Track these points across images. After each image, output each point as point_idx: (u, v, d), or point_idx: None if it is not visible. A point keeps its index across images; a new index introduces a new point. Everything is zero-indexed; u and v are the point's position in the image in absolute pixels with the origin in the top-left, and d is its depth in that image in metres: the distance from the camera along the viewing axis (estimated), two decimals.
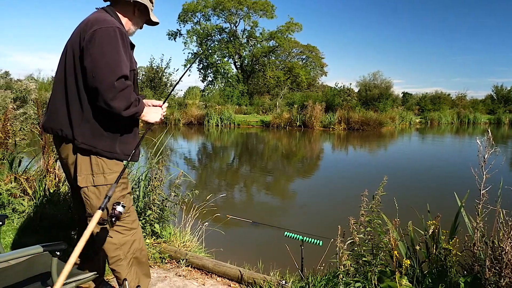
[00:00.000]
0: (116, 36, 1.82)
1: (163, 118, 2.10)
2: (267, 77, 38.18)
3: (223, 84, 37.22)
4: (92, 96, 1.82)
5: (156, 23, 2.20)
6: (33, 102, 6.13)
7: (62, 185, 4.16)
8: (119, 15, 2.04)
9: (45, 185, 4.02)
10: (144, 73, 30.70)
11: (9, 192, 4.05)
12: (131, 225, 2.05)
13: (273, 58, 40.38)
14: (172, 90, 2.72)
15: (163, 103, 2.14)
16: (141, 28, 2.20)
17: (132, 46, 2.06)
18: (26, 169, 4.67)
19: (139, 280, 2.12)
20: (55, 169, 4.18)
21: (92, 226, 1.73)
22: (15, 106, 6.11)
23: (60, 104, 1.93)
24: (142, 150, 2.57)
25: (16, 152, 4.58)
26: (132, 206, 2.12)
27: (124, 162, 2.01)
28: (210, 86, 38.71)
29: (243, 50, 38.48)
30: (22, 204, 3.99)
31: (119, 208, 1.79)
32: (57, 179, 4.19)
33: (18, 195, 4.13)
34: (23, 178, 4.28)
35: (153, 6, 2.15)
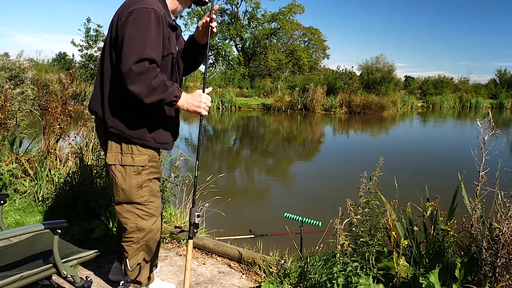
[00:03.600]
0: (149, 18, 1.74)
1: (207, 107, 1.92)
2: (269, 59, 37.82)
3: (224, 67, 36.90)
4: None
5: (205, 3, 2.08)
6: (30, 81, 6.07)
7: (63, 166, 4.17)
8: None
9: (47, 166, 4.04)
10: None
11: (10, 173, 4.07)
12: (153, 212, 2.06)
13: (275, 40, 39.91)
14: (205, 73, 2.05)
15: (203, 90, 1.94)
16: (189, 7, 2.09)
17: (174, 28, 1.96)
18: (27, 150, 4.69)
19: (144, 265, 2.14)
20: (56, 150, 4.19)
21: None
22: (11, 86, 6.06)
23: (97, 87, 1.94)
24: None
25: (17, 133, 4.58)
26: (158, 192, 2.11)
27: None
28: (211, 68, 38.38)
29: (244, 32, 37.99)
30: (23, 184, 4.01)
31: (197, 220, 1.85)
32: (58, 160, 4.20)
33: (19, 175, 4.15)
34: (24, 159, 4.30)
35: None
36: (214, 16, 1.97)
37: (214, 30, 2.01)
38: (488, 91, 38.08)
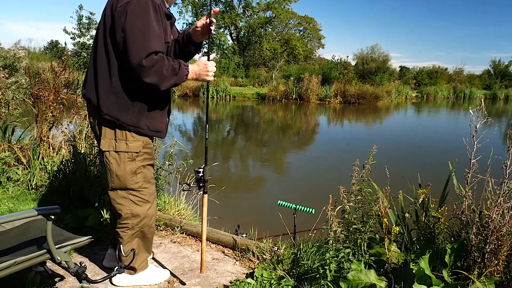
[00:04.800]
0: (148, 9, 1.77)
1: (212, 73, 2.01)
2: (264, 49, 37.55)
3: (218, 56, 36.62)
4: (124, 69, 1.84)
5: None
6: (24, 70, 5.99)
7: (56, 154, 4.15)
8: None
9: (39, 154, 4.02)
10: None
11: (3, 161, 4.05)
12: (148, 198, 2.09)
13: (270, 29, 39.58)
14: (209, 38, 2.16)
15: (208, 58, 2.00)
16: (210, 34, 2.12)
17: (169, 17, 2.00)
18: (20, 139, 4.65)
19: (139, 251, 2.16)
20: (48, 138, 4.17)
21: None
22: (6, 75, 5.98)
23: (90, 74, 1.96)
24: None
25: (9, 121, 4.54)
26: (153, 179, 2.15)
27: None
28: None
29: (239, 21, 37.62)
30: (16, 172, 3.99)
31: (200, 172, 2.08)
32: (51, 148, 4.18)
33: (12, 164, 4.13)
34: (17, 147, 4.27)
35: None
36: (214, 19, 2.05)
37: (213, 32, 2.12)
38: (482, 82, 38.24)
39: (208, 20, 2.05)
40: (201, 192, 2.20)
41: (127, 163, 1.97)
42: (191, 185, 2.23)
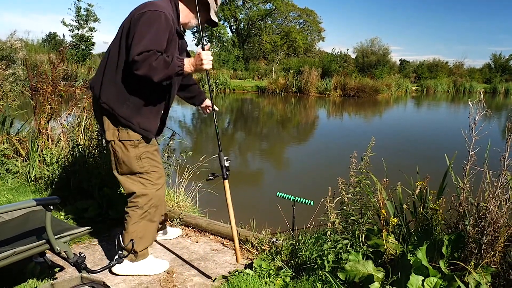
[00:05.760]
0: (157, 19, 1.94)
1: (209, 61, 2.04)
2: (263, 41, 37.38)
3: (218, 49, 36.46)
4: (127, 67, 1.98)
5: (216, 24, 2.28)
6: (21, 61, 5.97)
7: (55, 146, 4.15)
8: (182, 6, 2.17)
9: (38, 146, 4.01)
10: None
11: (2, 153, 4.05)
12: (156, 180, 2.21)
13: (270, 22, 39.36)
14: (202, 31, 2.24)
15: (202, 48, 2.06)
16: (202, 25, 2.25)
17: (181, 36, 2.16)
18: (19, 131, 4.65)
19: (144, 235, 2.22)
20: (47, 130, 4.16)
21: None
22: (3, 67, 5.96)
23: (100, 68, 2.13)
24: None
25: (7, 113, 4.53)
26: (160, 163, 2.27)
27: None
28: None
29: (239, 13, 37.42)
30: (15, 164, 4.00)
31: (227, 163, 2.21)
32: (49, 140, 4.17)
33: (11, 156, 4.13)
34: (16, 139, 4.26)
35: (217, 7, 2.27)
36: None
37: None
38: (483, 76, 38.15)
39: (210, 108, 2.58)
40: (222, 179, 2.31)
41: (130, 149, 2.11)
42: (216, 175, 2.29)
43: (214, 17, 2.26)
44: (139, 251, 2.24)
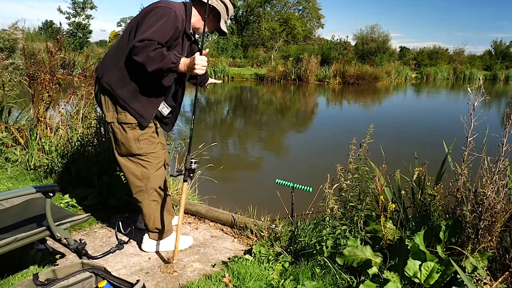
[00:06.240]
0: (169, 14, 2.02)
1: (202, 67, 2.01)
2: (262, 28, 37.05)
3: (216, 36, 36.14)
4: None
5: (225, 33, 2.34)
6: (20, 51, 5.93)
7: (54, 134, 4.14)
8: (195, 11, 2.23)
9: (37, 134, 4.01)
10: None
11: (1, 142, 4.05)
12: (155, 161, 2.27)
13: (269, 8, 38.96)
14: (203, 36, 2.28)
15: (200, 52, 2.06)
16: (211, 33, 2.37)
17: (190, 38, 2.21)
18: (17, 119, 4.64)
19: (159, 214, 2.32)
20: (45, 118, 4.15)
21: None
22: (3, 56, 5.92)
23: (108, 52, 2.24)
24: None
25: (5, 102, 4.50)
26: (158, 144, 2.31)
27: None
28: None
29: (237, 0, 37.00)
30: (14, 153, 4.00)
31: (193, 166, 2.16)
32: (48, 128, 4.17)
33: (10, 144, 4.12)
34: (14, 128, 4.25)
35: (228, 17, 2.31)
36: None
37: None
38: (483, 63, 37.96)
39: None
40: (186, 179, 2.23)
41: (129, 131, 2.17)
42: (181, 172, 2.27)
43: (223, 27, 2.30)
44: (162, 229, 2.36)
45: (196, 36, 2.37)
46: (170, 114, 2.43)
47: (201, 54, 2.05)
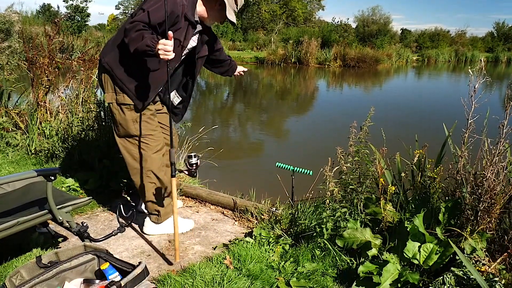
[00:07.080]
0: (170, 1, 1.95)
1: (164, 52, 1.84)
2: (262, 11, 36.48)
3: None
4: None
5: (234, 24, 2.26)
6: (18, 34, 5.87)
7: (54, 119, 4.14)
8: (200, 1, 2.17)
9: (37, 119, 4.00)
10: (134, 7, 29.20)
11: (1, 127, 4.04)
12: (153, 143, 2.27)
13: None
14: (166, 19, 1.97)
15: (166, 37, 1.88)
16: (221, 23, 2.34)
17: (193, 26, 2.16)
18: (17, 104, 4.62)
19: (158, 196, 2.34)
20: (45, 102, 4.13)
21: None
22: (0, 40, 5.86)
23: (113, 36, 2.25)
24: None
25: (5, 86, 4.48)
26: (157, 127, 2.31)
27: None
28: None
29: None
30: (15, 138, 4.00)
31: (193, 160, 2.22)
32: (48, 113, 4.16)
33: (10, 129, 4.12)
34: (14, 112, 4.24)
35: (237, 8, 2.21)
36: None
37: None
38: (485, 45, 37.55)
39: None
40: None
41: (127, 112, 2.19)
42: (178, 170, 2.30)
43: (231, 17, 2.18)
44: (161, 211, 2.38)
45: (211, 26, 2.34)
46: (180, 104, 2.45)
47: (166, 39, 1.86)
